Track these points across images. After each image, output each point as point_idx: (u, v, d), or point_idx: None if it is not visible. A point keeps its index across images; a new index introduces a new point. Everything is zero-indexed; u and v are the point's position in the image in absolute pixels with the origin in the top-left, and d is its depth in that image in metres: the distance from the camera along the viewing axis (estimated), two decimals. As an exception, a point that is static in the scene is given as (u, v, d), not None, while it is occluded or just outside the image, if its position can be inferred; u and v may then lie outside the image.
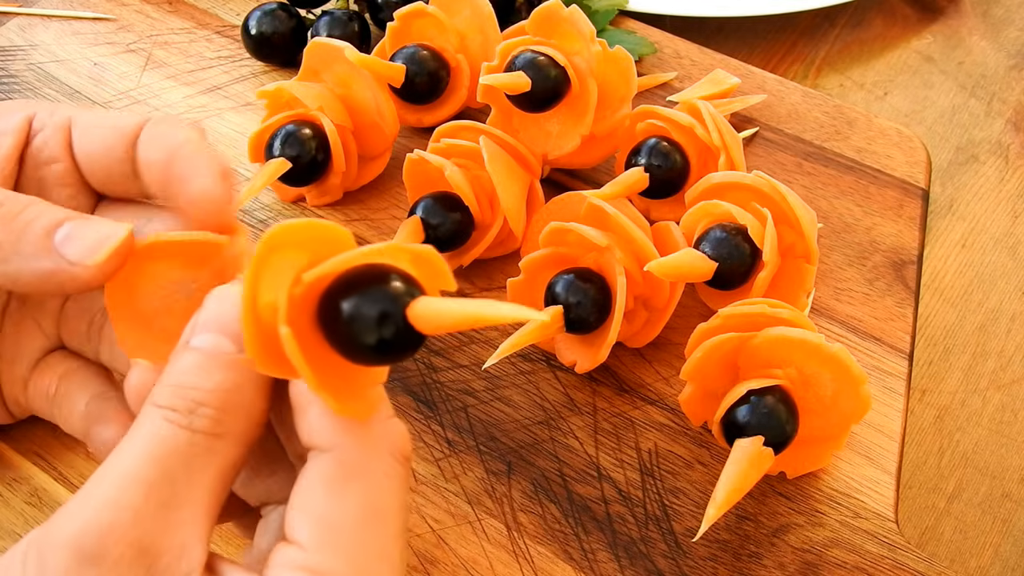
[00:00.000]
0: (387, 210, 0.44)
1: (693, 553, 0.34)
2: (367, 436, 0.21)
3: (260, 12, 0.48)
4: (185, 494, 0.20)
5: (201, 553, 0.20)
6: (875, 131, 0.47)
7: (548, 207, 0.40)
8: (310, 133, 0.40)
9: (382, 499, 0.21)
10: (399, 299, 0.19)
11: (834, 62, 0.57)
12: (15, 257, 0.24)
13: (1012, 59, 0.57)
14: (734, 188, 0.38)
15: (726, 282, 0.37)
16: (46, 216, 0.25)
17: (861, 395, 0.32)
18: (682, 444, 0.36)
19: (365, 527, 0.21)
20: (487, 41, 0.45)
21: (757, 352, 0.33)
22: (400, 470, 0.22)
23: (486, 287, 0.41)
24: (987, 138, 0.53)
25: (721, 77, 0.48)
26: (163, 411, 0.21)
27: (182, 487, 0.20)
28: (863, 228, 0.43)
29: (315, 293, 0.20)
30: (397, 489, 0.22)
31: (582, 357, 0.37)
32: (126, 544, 0.19)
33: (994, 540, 0.39)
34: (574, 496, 0.35)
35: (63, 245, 0.24)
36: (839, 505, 0.35)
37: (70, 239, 0.24)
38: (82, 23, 0.52)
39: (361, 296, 0.19)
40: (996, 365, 0.44)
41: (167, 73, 0.49)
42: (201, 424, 0.21)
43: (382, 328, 0.19)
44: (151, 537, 0.20)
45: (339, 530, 0.21)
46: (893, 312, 0.40)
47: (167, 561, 0.20)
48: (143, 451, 0.20)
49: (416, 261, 0.21)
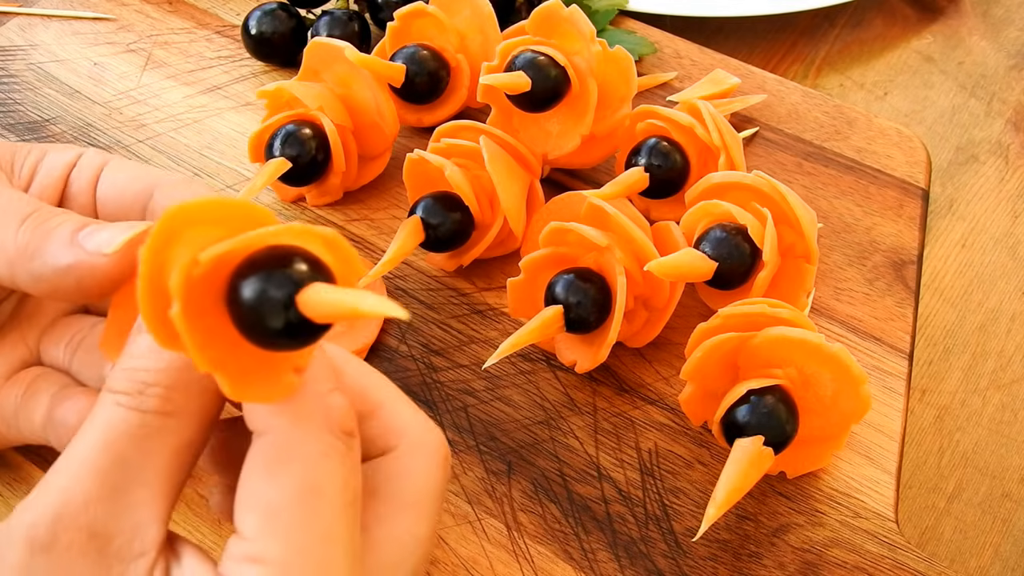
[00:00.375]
0: (387, 210, 0.44)
1: (693, 553, 0.34)
2: (299, 415, 0.21)
3: (260, 12, 0.48)
4: (138, 476, 0.20)
5: (156, 533, 0.20)
6: (875, 131, 0.47)
7: (548, 207, 0.40)
8: (310, 133, 0.40)
9: (318, 477, 0.21)
10: (291, 284, 0.19)
11: (834, 62, 0.57)
12: (40, 255, 0.25)
13: (1012, 59, 0.57)
14: (734, 188, 0.38)
15: (726, 282, 0.37)
16: (74, 220, 0.26)
17: (861, 395, 0.32)
18: (682, 444, 0.36)
19: (302, 508, 0.20)
20: (487, 41, 0.45)
21: (757, 352, 0.33)
22: (339, 445, 0.21)
23: (486, 287, 0.41)
24: (987, 138, 0.53)
25: (721, 77, 0.48)
26: (116, 396, 0.21)
27: (134, 470, 0.20)
28: (863, 228, 0.43)
29: (224, 272, 0.20)
30: (336, 466, 0.21)
31: (582, 357, 0.37)
32: (76, 530, 0.20)
33: (994, 540, 0.39)
34: (574, 496, 0.35)
35: (85, 239, 0.25)
36: (839, 505, 0.35)
37: (91, 234, 0.25)
38: (82, 23, 0.52)
39: (255, 278, 0.19)
40: (996, 365, 0.44)
41: (167, 73, 0.49)
42: (150, 404, 0.21)
43: (272, 312, 0.19)
44: (101, 521, 0.20)
45: (277, 514, 0.20)
46: (893, 312, 0.40)
47: (119, 543, 0.20)
48: (95, 437, 0.21)
49: (328, 246, 0.20)
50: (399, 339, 0.39)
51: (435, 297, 0.41)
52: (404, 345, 0.39)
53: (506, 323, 0.40)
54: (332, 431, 0.21)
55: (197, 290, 0.20)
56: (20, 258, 0.25)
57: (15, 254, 0.25)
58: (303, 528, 0.20)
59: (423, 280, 0.41)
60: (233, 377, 0.20)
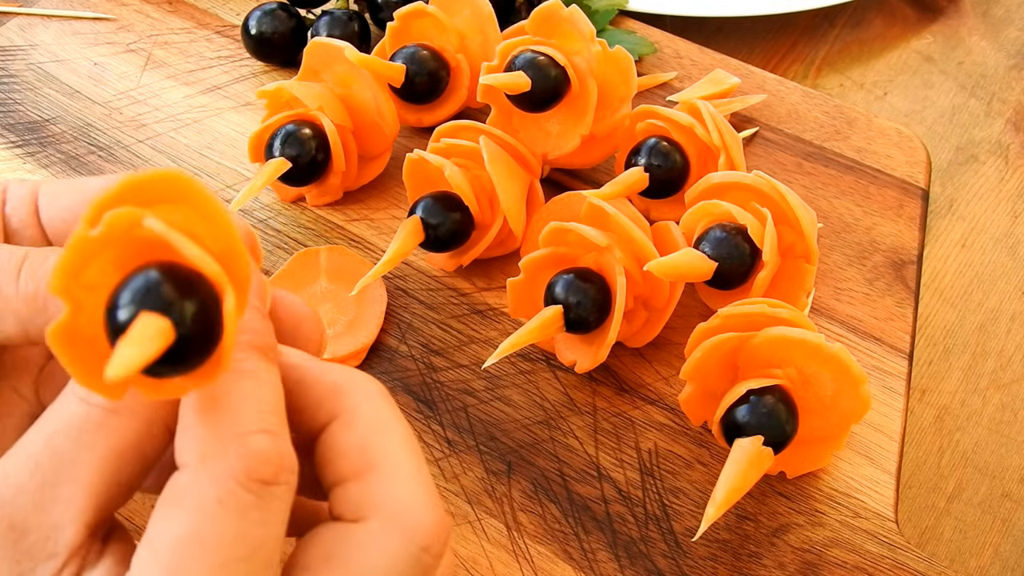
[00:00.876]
0: (387, 210, 0.44)
1: (693, 553, 0.34)
2: (204, 455, 0.20)
3: (260, 12, 0.48)
4: (70, 471, 0.20)
5: (72, 535, 0.20)
6: (875, 131, 0.47)
7: (548, 207, 0.40)
8: (310, 133, 0.40)
9: (203, 526, 0.19)
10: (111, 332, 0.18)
11: (834, 62, 0.57)
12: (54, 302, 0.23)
13: (1012, 59, 0.57)
14: (734, 188, 0.38)
15: (726, 282, 0.37)
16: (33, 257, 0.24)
17: (861, 395, 0.32)
18: (682, 444, 0.36)
19: (177, 554, 0.19)
20: (487, 41, 0.45)
21: (757, 352, 0.33)
22: (241, 495, 0.20)
23: (486, 287, 0.41)
24: (987, 138, 0.53)
25: (721, 77, 0.48)
26: (73, 388, 0.21)
27: (68, 464, 0.20)
28: (863, 228, 0.43)
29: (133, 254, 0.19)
30: (230, 517, 0.19)
31: (582, 357, 0.37)
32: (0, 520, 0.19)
33: (994, 540, 0.39)
34: (574, 496, 0.35)
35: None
36: (839, 505, 0.35)
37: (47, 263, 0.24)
38: (82, 23, 0.52)
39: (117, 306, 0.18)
40: (996, 365, 0.44)
41: (167, 73, 0.49)
42: (96, 398, 0.20)
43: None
44: (23, 514, 0.19)
45: (155, 554, 0.19)
46: (893, 312, 0.40)
47: (33, 539, 0.20)
48: (41, 427, 0.20)
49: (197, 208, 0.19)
50: (399, 339, 0.39)
51: (435, 297, 0.41)
52: (404, 345, 0.39)
53: (506, 323, 0.40)
54: (237, 478, 0.20)
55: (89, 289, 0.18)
56: (31, 311, 0.23)
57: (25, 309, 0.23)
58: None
59: (423, 280, 0.41)
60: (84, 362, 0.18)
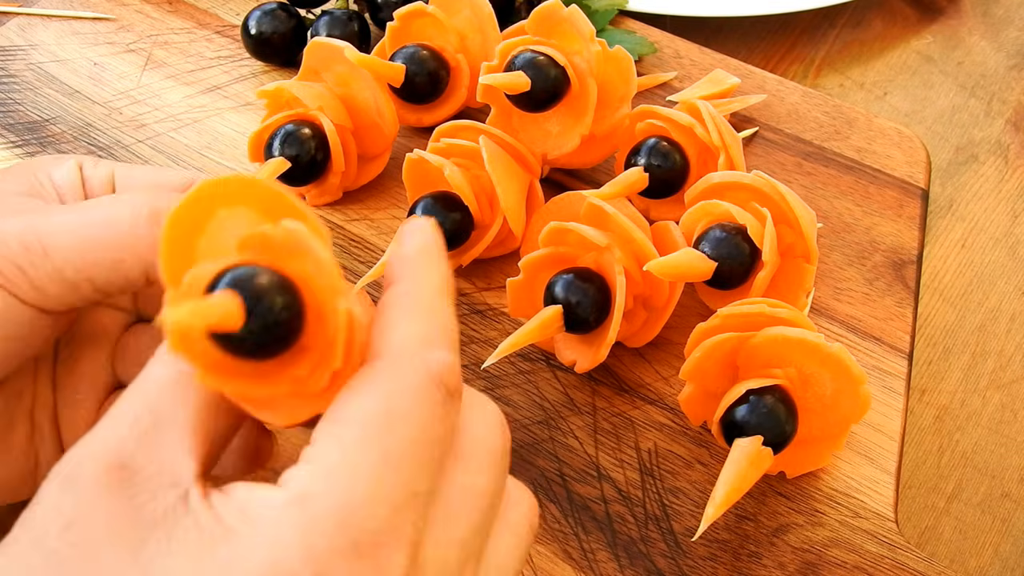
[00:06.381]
0: (387, 210, 0.44)
1: (693, 553, 0.34)
2: (408, 353, 0.21)
3: (260, 12, 0.48)
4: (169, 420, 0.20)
5: (189, 466, 0.20)
6: (875, 131, 0.47)
7: (548, 207, 0.40)
8: (310, 133, 0.40)
9: (400, 404, 0.20)
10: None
11: (834, 62, 0.57)
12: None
13: (1012, 59, 0.57)
14: (734, 188, 0.38)
15: (725, 282, 0.37)
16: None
17: (861, 395, 0.32)
18: (682, 444, 0.36)
19: (373, 425, 0.20)
20: (487, 41, 0.45)
21: (756, 352, 0.33)
22: (432, 389, 0.21)
23: (486, 287, 0.41)
24: (987, 138, 0.53)
25: (721, 77, 0.48)
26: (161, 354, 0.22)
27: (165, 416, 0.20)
28: (863, 228, 0.43)
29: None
30: (424, 403, 0.21)
31: (582, 357, 0.37)
32: (102, 464, 0.19)
33: (994, 540, 0.39)
34: (574, 496, 0.35)
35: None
36: (839, 505, 0.35)
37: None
38: (82, 23, 0.52)
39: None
40: (996, 365, 0.44)
41: (167, 73, 0.49)
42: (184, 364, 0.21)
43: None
44: (129, 454, 0.20)
45: (345, 423, 0.20)
46: (893, 312, 0.40)
47: (148, 474, 0.20)
48: (133, 389, 0.21)
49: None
50: (399, 339, 0.39)
51: (435, 297, 0.41)
52: (404, 345, 0.39)
53: (506, 323, 0.40)
54: (432, 376, 0.21)
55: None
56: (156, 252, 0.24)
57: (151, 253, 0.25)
58: (365, 443, 0.20)
59: (423, 280, 0.41)
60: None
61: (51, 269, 0.24)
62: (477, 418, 0.23)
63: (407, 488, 0.20)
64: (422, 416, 0.21)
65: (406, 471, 0.20)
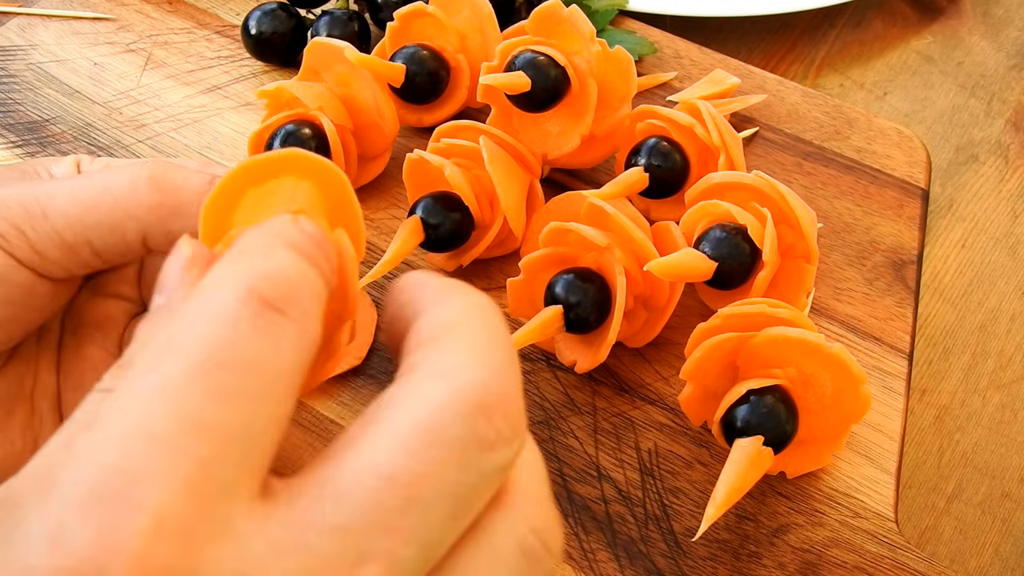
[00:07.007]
0: (387, 210, 0.44)
1: (693, 553, 0.34)
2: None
3: (260, 12, 0.48)
4: None
5: None
6: (875, 131, 0.47)
7: (548, 207, 0.40)
8: (310, 133, 0.40)
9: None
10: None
11: (834, 62, 0.57)
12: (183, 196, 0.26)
13: (1012, 59, 0.57)
14: (734, 188, 0.38)
15: (726, 282, 0.37)
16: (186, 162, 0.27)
17: (861, 395, 0.32)
18: (682, 444, 0.36)
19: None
20: (487, 41, 0.45)
21: (757, 352, 0.33)
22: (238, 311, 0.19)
23: (486, 287, 0.41)
24: (987, 138, 0.53)
25: (721, 77, 0.48)
26: None
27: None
28: (863, 228, 0.43)
29: None
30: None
31: (582, 357, 0.37)
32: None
33: (994, 540, 0.39)
34: (574, 496, 0.35)
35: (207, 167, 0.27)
36: (839, 505, 0.35)
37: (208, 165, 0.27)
38: (82, 23, 0.52)
39: None
40: (996, 365, 0.44)
41: (167, 73, 0.49)
42: None
43: None
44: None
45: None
46: (893, 312, 0.40)
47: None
48: None
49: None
50: (399, 339, 0.39)
51: (435, 297, 0.41)
52: (404, 345, 0.39)
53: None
54: (237, 293, 0.20)
55: None
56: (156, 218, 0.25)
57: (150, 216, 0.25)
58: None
59: (423, 280, 0.41)
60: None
61: (50, 230, 0.25)
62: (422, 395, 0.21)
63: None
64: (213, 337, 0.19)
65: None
